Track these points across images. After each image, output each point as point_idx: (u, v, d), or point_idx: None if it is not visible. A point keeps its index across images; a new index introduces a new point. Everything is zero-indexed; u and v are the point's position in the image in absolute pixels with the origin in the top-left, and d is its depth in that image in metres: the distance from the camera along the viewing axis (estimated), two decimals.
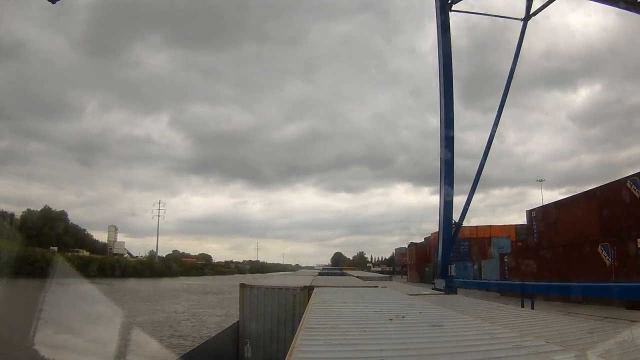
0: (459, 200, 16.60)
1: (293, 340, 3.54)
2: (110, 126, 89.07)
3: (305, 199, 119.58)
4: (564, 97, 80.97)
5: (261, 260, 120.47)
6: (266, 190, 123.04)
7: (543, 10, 16.88)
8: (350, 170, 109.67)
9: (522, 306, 9.64)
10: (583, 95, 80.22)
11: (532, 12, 16.86)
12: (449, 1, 16.52)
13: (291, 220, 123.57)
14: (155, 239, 78.74)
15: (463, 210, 16.64)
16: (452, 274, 21.16)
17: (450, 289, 14.89)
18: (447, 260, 17.09)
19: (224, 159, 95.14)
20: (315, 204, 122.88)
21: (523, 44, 16.90)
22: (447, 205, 16.27)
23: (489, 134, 16.90)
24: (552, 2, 16.12)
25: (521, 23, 16.85)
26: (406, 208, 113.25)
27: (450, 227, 16.38)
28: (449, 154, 16.17)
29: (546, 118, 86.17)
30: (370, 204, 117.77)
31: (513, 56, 16.71)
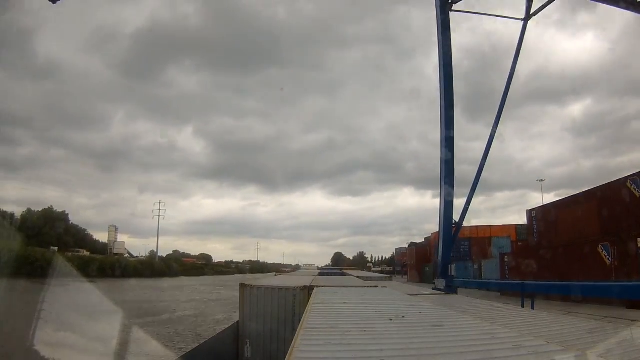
0: (461, 203, 16.66)
1: (293, 340, 3.54)
2: (136, 136, 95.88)
3: (312, 202, 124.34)
4: (560, 110, 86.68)
5: (261, 260, 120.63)
6: (277, 194, 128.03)
7: (538, 38, 17.07)
8: (356, 175, 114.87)
9: (522, 306, 9.64)
10: (577, 108, 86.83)
11: (532, 12, 16.75)
12: (449, 1, 16.50)
13: (297, 222, 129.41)
14: (161, 239, 79.73)
15: (463, 210, 16.50)
16: (453, 274, 20.89)
17: (450, 289, 14.82)
18: (448, 260, 16.99)
19: (240, 165, 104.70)
20: (321, 207, 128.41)
21: (521, 66, 16.94)
22: (447, 205, 16.16)
23: (489, 134, 16.80)
24: (551, 2, 16.15)
25: (521, 24, 16.79)
26: (409, 210, 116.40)
27: (450, 227, 16.27)
28: (449, 153, 16.09)
29: (544, 129, 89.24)
30: (375, 207, 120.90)
31: (513, 58, 16.60)
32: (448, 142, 16.06)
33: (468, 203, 16.64)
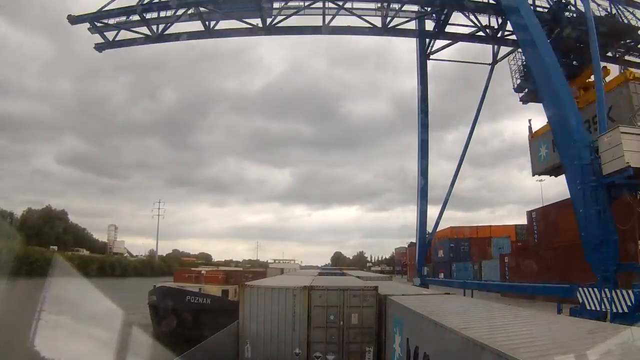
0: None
1: None
2: (239, 174, 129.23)
3: (346, 214, 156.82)
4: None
5: (261, 259, 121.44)
6: (324, 210, 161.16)
7: None
8: (385, 197, 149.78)
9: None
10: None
11: (497, 58, 20.18)
12: (427, 52, 20.56)
13: (323, 227, 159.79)
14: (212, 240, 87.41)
15: (435, 223, 22.32)
16: (425, 274, 25.05)
17: (423, 285, 19.51)
18: (422, 262, 23.52)
19: (307, 190, 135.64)
20: (350, 217, 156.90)
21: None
22: (422, 219, 21.44)
23: (458, 160, 22.38)
24: (513, 51, 17.98)
25: (489, 68, 20.41)
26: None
27: (424, 237, 22.41)
28: (423, 180, 21.28)
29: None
30: (391, 217, 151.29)
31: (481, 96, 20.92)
32: (423, 170, 21.30)
33: (439, 217, 22.40)
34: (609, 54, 17.03)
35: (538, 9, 15.81)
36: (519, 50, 16.56)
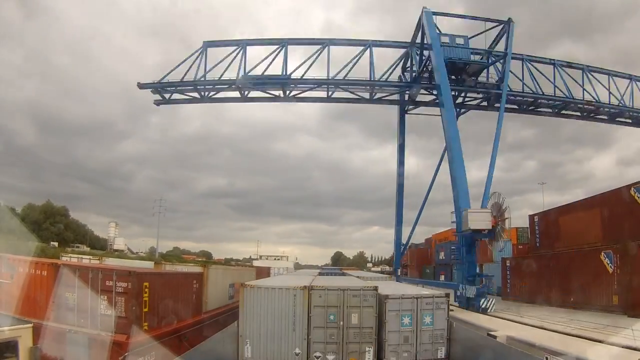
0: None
1: None
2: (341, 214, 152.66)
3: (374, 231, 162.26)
4: None
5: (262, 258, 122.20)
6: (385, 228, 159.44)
7: None
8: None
9: None
10: None
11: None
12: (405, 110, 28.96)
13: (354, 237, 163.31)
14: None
15: (409, 236, 30.79)
16: (399, 274, 31.42)
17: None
18: (397, 267, 32.08)
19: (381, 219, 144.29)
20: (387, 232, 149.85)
21: None
22: (397, 234, 30.36)
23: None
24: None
25: None
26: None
27: (399, 246, 30.59)
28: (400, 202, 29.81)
29: None
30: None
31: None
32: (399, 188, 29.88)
33: (412, 231, 30.53)
34: None
35: None
36: None
